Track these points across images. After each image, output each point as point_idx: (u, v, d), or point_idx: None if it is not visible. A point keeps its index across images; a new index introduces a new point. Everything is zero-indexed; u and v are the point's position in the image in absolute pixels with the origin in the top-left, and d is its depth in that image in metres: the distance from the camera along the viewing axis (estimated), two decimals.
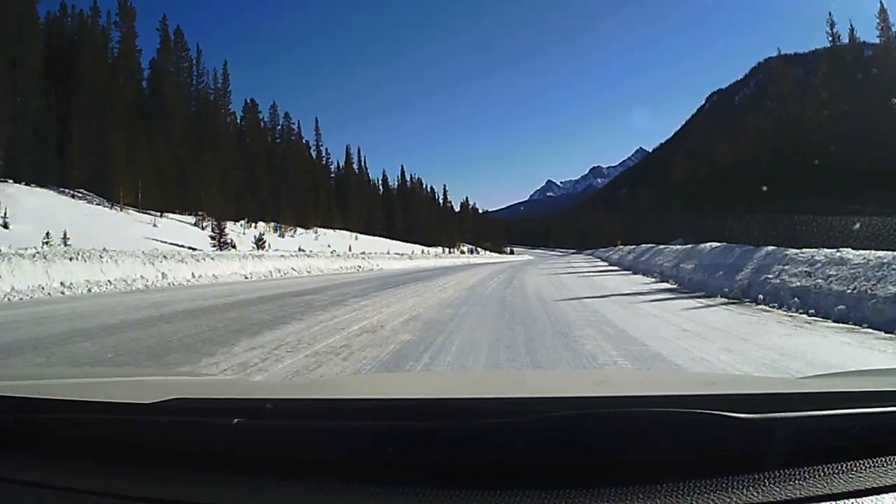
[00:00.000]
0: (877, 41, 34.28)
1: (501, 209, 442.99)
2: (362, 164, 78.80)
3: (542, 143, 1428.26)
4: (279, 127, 59.79)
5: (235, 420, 0.73)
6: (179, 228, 31.84)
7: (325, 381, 2.72)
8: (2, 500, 0.72)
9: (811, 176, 26.95)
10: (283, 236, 42.96)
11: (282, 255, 20.70)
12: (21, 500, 0.73)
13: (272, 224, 44.70)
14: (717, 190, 40.05)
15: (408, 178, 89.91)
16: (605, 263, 27.51)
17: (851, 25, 36.33)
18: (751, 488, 0.65)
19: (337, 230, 59.81)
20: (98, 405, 0.86)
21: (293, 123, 60.30)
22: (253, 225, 44.99)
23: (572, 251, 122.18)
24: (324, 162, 71.23)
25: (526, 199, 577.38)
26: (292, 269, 19.53)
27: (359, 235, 60.15)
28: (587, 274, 17.78)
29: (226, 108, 51.61)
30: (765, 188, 27.59)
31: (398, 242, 63.37)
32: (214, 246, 27.06)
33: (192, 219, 32.81)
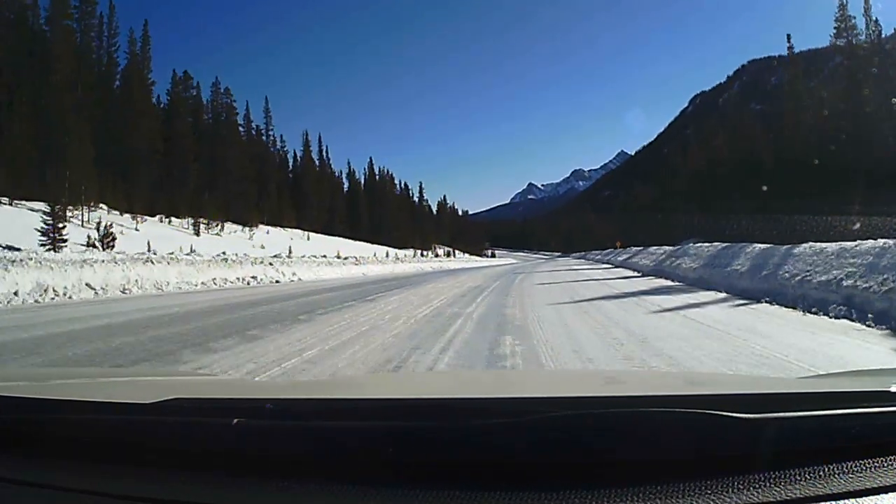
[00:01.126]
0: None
1: (482, 211, 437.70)
2: (324, 154, 69.13)
3: (524, 145, 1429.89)
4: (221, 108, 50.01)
5: (235, 420, 0.72)
6: (19, 221, 22.33)
7: (325, 381, 2.56)
8: (2, 500, 0.71)
9: (811, 175, 25.81)
10: (199, 234, 33.57)
11: (84, 262, 11.52)
12: (21, 500, 0.72)
13: (189, 220, 35.26)
14: (712, 190, 37.23)
15: (377, 171, 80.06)
16: (633, 272, 18.64)
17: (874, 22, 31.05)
18: (751, 488, 0.64)
19: (287, 228, 50.61)
20: (98, 405, 0.85)
21: (234, 102, 50.45)
22: (167, 220, 35.57)
23: (558, 254, 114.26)
24: (278, 150, 61.75)
25: (507, 201, 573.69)
26: (88, 284, 10.46)
27: (312, 235, 51.01)
28: (655, 300, 8.88)
29: (143, 77, 41.86)
30: (765, 188, 26.69)
31: (361, 243, 54.45)
32: (44, 244, 17.81)
33: (59, 209, 23.45)
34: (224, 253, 20.15)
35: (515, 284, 13.62)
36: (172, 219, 35.74)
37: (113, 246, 17.84)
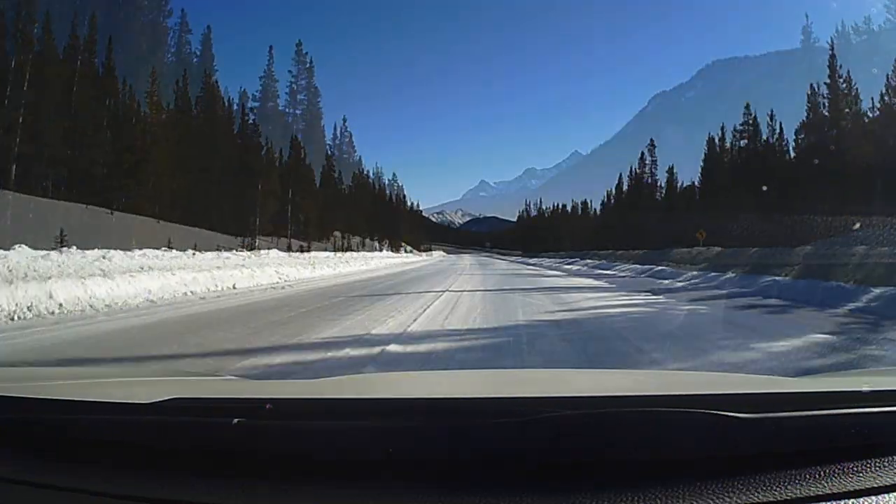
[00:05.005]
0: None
1: (434, 206, 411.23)
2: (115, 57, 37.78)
3: (476, 141, 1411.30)
4: None
5: (235, 420, 0.73)
6: None
7: (325, 381, 2.13)
8: (2, 500, 0.71)
9: (811, 175, 26.00)
10: None
11: None
12: (21, 500, 0.72)
13: None
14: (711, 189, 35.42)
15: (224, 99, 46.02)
16: None
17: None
18: (751, 488, 0.65)
19: None
20: (98, 405, 0.85)
21: None
22: None
23: (518, 253, 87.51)
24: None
25: (458, 198, 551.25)
26: None
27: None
28: None
29: None
30: (764, 188, 26.57)
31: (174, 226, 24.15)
32: None
33: None
34: None
35: None
36: None
37: None
